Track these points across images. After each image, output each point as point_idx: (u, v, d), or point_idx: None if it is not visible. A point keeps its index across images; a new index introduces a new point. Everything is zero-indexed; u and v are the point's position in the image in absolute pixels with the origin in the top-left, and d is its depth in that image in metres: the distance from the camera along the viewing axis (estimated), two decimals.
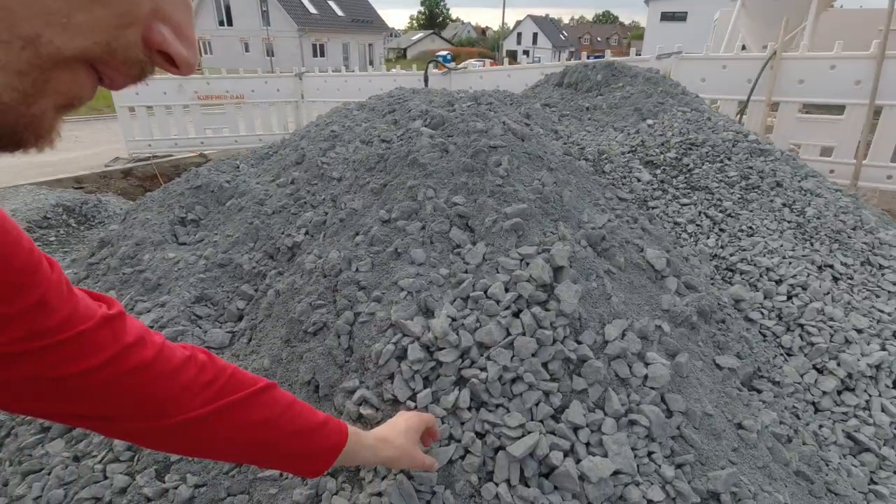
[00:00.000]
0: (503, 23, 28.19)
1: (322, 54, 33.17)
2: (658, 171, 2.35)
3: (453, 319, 1.32)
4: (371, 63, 36.82)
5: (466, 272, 1.45)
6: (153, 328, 1.82)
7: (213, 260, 1.96)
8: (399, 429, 1.00)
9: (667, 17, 34.30)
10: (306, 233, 1.86)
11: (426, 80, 6.54)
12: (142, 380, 0.64)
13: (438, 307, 1.36)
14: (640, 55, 5.78)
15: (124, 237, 2.40)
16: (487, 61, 22.99)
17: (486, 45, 69.66)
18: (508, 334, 1.27)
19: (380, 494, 1.13)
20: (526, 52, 68.25)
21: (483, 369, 1.23)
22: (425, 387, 1.24)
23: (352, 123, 2.49)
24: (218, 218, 2.26)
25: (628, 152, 2.45)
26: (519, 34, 72.25)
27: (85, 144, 8.70)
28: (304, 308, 1.53)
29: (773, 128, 5.25)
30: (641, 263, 1.60)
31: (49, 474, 1.52)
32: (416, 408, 1.22)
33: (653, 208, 2.14)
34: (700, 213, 2.14)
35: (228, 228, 2.10)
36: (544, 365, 1.24)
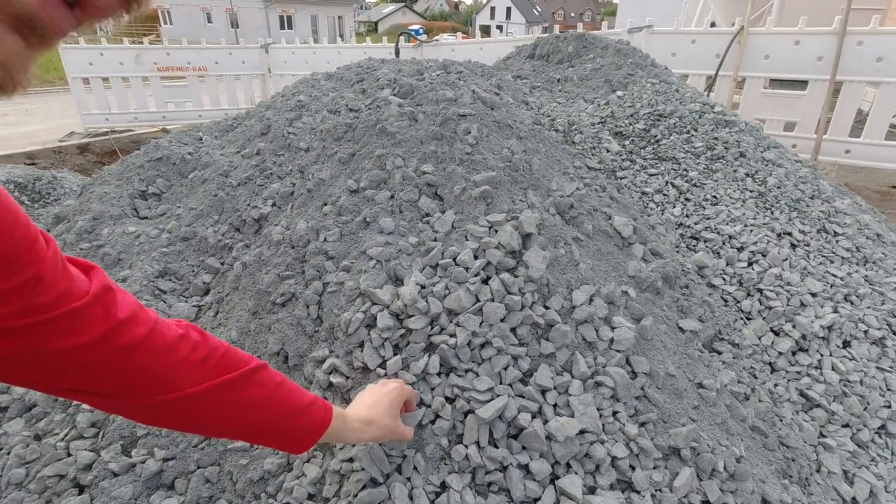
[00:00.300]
0: None
1: (290, 26, 32.10)
2: (627, 142, 2.37)
3: (422, 287, 1.32)
4: (341, 37, 35.82)
5: (436, 240, 1.45)
6: None
7: (177, 233, 1.90)
8: (382, 408, 1.00)
9: None
10: (273, 204, 1.82)
11: (397, 53, 6.41)
12: (134, 356, 0.64)
13: (407, 275, 1.35)
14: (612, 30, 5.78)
15: (80, 212, 2.31)
16: (460, 35, 22.62)
17: (458, 19, 68.53)
18: (477, 300, 1.28)
19: (351, 460, 1.14)
20: (500, 28, 67.45)
21: (452, 335, 1.23)
22: (395, 354, 1.24)
23: (319, 93, 2.42)
24: (180, 191, 2.19)
25: (598, 123, 2.46)
26: (493, 8, 71.24)
27: (37, 119, 8.27)
28: (271, 279, 1.51)
29: (740, 103, 5.35)
30: (609, 231, 1.63)
31: (8, 454, 1.48)
32: (385, 375, 1.22)
33: (621, 178, 2.17)
34: (667, 182, 2.17)
35: (192, 201, 2.04)
36: (513, 330, 1.25)
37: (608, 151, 2.28)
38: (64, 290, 0.57)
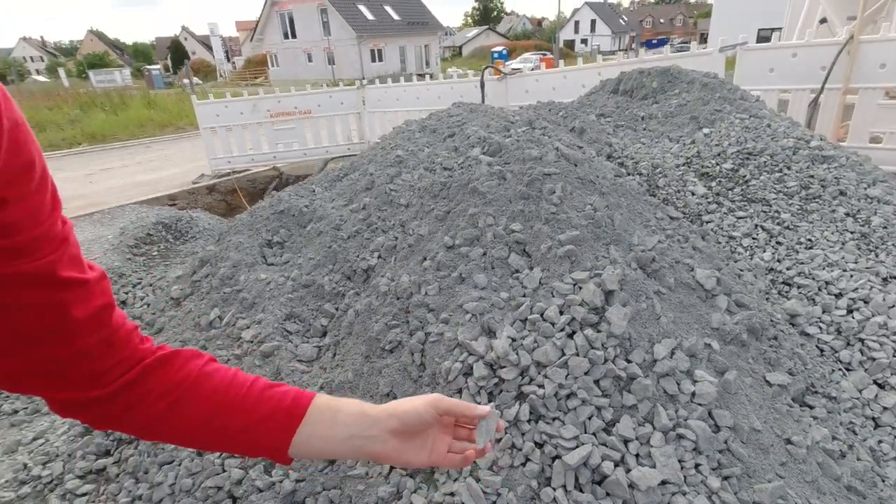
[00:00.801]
0: (559, 12, 27.68)
1: (380, 59, 34.01)
2: (713, 184, 2.38)
3: (513, 340, 1.48)
4: (427, 64, 37.32)
5: (524, 296, 1.61)
6: (252, 343, 2.11)
7: (299, 281, 2.23)
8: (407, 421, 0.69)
9: None
10: (379, 256, 2.08)
11: (482, 87, 6.68)
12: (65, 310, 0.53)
13: (500, 328, 1.52)
14: (705, 44, 5.62)
15: (222, 258, 2.74)
16: (543, 57, 22.70)
17: (542, 36, 68.54)
18: (563, 354, 1.42)
19: (452, 494, 1.32)
20: (584, 41, 66.48)
21: (541, 386, 1.38)
22: (489, 401, 1.41)
23: (415, 148, 2.69)
24: (300, 241, 2.54)
25: (683, 164, 2.49)
26: (576, 22, 70.46)
27: (174, 162, 9.55)
28: (380, 328, 1.75)
29: (852, 117, 4.96)
30: (691, 283, 1.69)
31: (179, 465, 1.83)
32: None
33: (707, 223, 2.18)
34: (756, 226, 2.15)
35: (310, 251, 2.36)
36: (596, 382, 1.38)
37: (693, 195, 2.30)
38: (41, 233, 0.50)
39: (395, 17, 35.72)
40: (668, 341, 1.46)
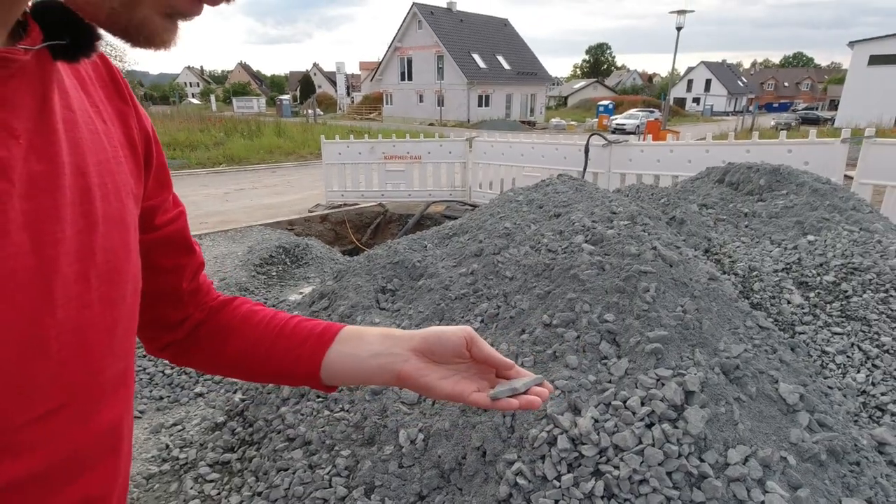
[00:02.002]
0: (673, 69, 27.28)
1: (487, 104, 35.41)
2: (811, 294, 2.41)
3: (596, 421, 1.68)
4: (532, 112, 38.24)
5: (610, 382, 1.81)
6: None
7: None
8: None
9: (877, 60, 29.48)
10: (482, 321, 2.37)
11: (587, 153, 6.92)
12: None
13: (585, 408, 1.73)
14: (834, 121, 5.45)
15: (341, 296, 3.18)
16: (649, 120, 22.45)
17: (651, 92, 67.53)
18: (640, 442, 1.60)
19: None
20: (696, 100, 64.48)
21: (616, 468, 1.57)
22: (569, 471, 1.62)
23: (522, 222, 2.99)
24: (411, 293, 2.90)
25: (782, 270, 2.55)
26: (690, 81, 68.71)
27: (294, 189, 10.68)
28: None
29: None
30: (773, 395, 1.79)
31: (293, 474, 2.19)
32: (559, 488, 1.60)
33: (800, 333, 2.23)
34: (853, 344, 2.17)
35: (420, 305, 2.71)
36: (668, 474, 1.54)
37: (789, 303, 2.36)
38: None
39: (506, 66, 37.17)
40: (742, 448, 1.59)
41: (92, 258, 0.44)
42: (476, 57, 35.38)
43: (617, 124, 31.10)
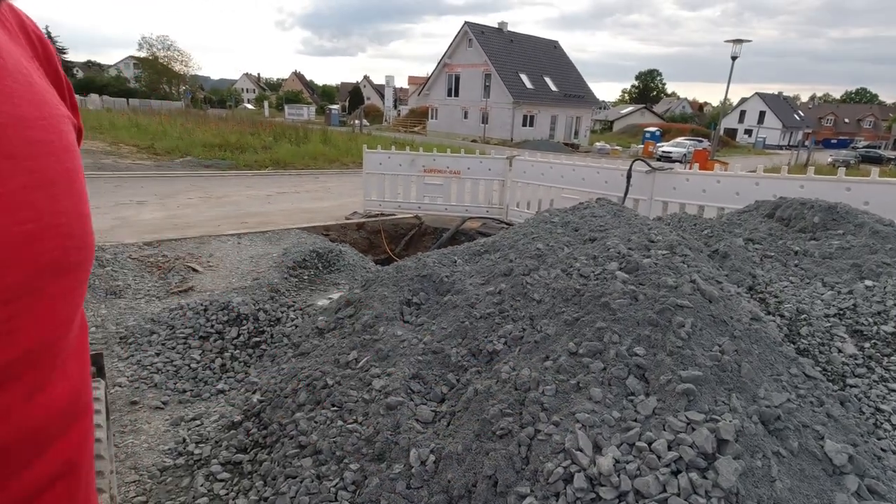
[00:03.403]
0: (725, 98, 26.53)
1: (531, 124, 35.36)
2: (867, 345, 2.22)
3: (617, 461, 1.57)
4: (576, 134, 37.95)
5: (636, 420, 1.69)
6: (380, 392, 2.41)
7: (430, 346, 2.51)
8: None
9: None
10: (505, 343, 2.29)
11: (629, 178, 6.75)
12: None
13: (606, 446, 1.63)
14: None
15: (366, 305, 3.15)
16: (697, 148, 21.82)
17: (701, 121, 65.88)
18: (664, 490, 1.48)
19: None
20: (748, 132, 62.59)
21: None
22: None
23: (555, 244, 2.90)
24: (436, 308, 2.85)
25: (834, 316, 2.36)
26: (742, 112, 66.83)
27: (333, 195, 10.87)
28: (495, 412, 1.93)
29: None
30: (818, 453, 1.63)
31: (301, 482, 2.15)
32: None
33: (851, 387, 2.05)
34: None
35: (444, 321, 2.65)
36: None
37: (840, 352, 2.18)
38: None
39: (553, 87, 37.12)
40: None
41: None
42: (523, 77, 35.48)
43: (663, 152, 30.47)
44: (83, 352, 0.49)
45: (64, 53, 58.87)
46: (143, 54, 51.53)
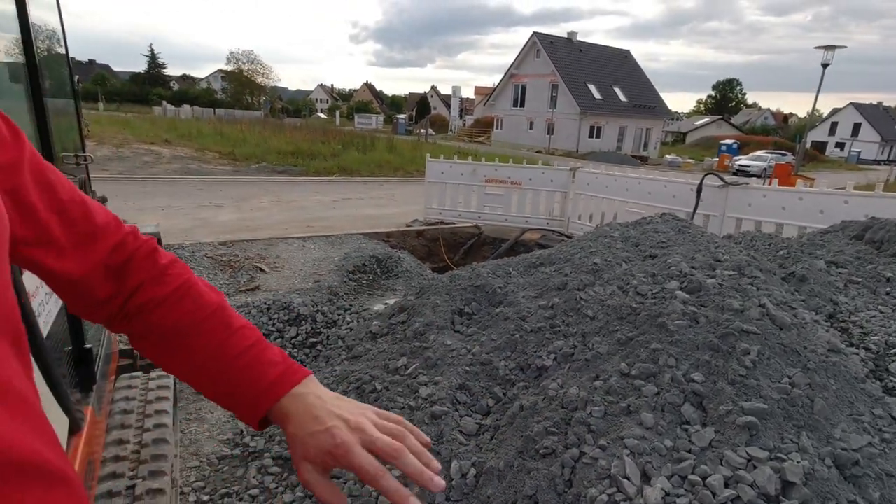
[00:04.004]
0: (813, 109, 24.59)
1: (598, 136, 34.53)
2: None
3: (667, 494, 1.48)
4: (645, 146, 36.61)
5: (689, 451, 1.59)
6: (426, 401, 2.41)
7: (478, 357, 2.49)
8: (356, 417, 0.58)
9: None
10: (554, 359, 2.23)
11: (699, 193, 6.41)
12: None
13: (655, 476, 1.53)
14: None
15: (419, 313, 3.18)
16: (779, 162, 20.24)
17: (785, 133, 61.45)
18: None
19: None
20: (839, 145, 57.76)
21: None
22: None
23: (613, 260, 2.80)
24: (487, 319, 2.82)
25: None
26: (834, 123, 61.76)
27: (396, 203, 11.10)
28: (539, 430, 1.88)
29: None
30: None
31: (344, 484, 2.18)
32: None
33: None
34: None
35: (494, 333, 2.62)
36: None
37: None
38: None
39: (623, 98, 36.08)
40: None
41: None
42: (592, 87, 34.73)
43: (740, 165, 28.71)
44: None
45: (163, 68, 64.56)
46: (230, 68, 55.46)
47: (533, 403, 2.02)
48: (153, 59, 62.83)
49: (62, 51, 1.72)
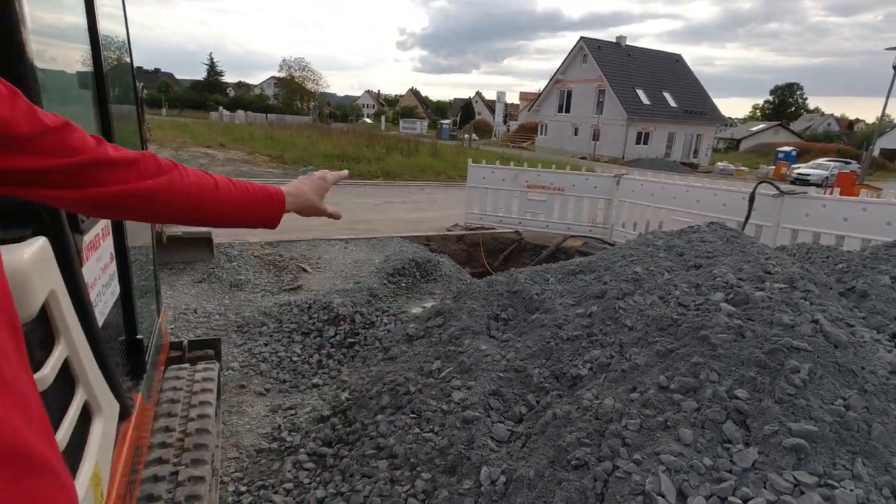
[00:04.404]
0: (882, 114, 23.06)
1: (645, 142, 33.62)
2: None
3: None
4: (696, 153, 35.34)
5: (730, 472, 1.51)
6: (459, 405, 2.41)
7: (512, 364, 2.46)
8: (306, 186, 1.10)
9: None
10: (590, 368, 2.18)
11: (751, 202, 6.13)
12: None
13: (693, 495, 1.47)
14: None
15: (455, 317, 3.18)
16: (842, 171, 18.99)
17: (851, 140, 57.77)
18: None
19: None
20: None
21: None
22: None
23: (655, 269, 2.72)
24: (523, 325, 2.79)
25: None
26: None
27: (437, 207, 11.16)
28: (572, 440, 1.84)
29: None
30: None
31: (375, 484, 2.21)
32: None
33: None
34: None
35: (529, 340, 2.59)
36: None
37: None
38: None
39: (672, 103, 35.01)
40: None
41: None
42: (640, 92, 33.86)
43: (799, 174, 27.18)
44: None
45: (221, 75, 67.74)
46: (282, 74, 57.54)
47: (566, 413, 1.98)
48: (212, 67, 66.00)
49: (128, 60, 1.83)
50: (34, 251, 1.09)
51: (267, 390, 3.61)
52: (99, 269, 1.25)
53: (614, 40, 37.10)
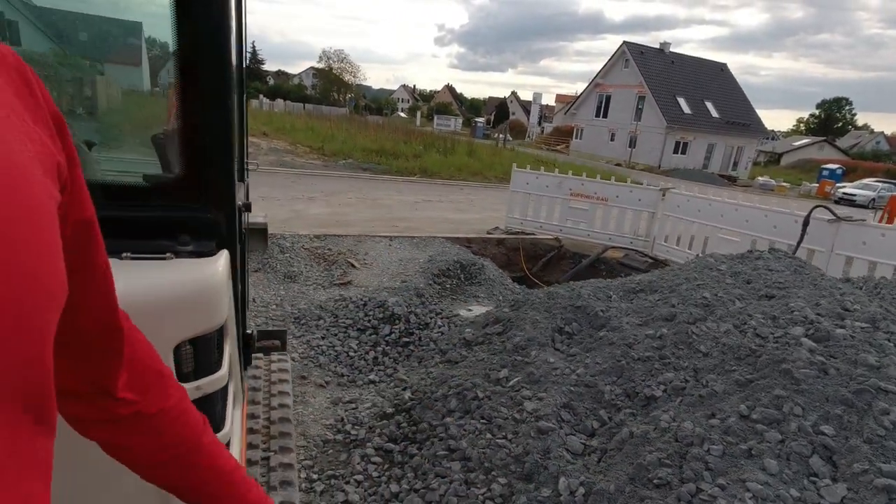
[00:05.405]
0: None
1: (683, 151, 33.02)
2: None
3: None
4: (735, 166, 34.55)
5: None
6: (531, 415, 2.51)
7: (583, 379, 2.56)
8: None
9: None
10: (664, 390, 2.26)
11: (805, 225, 6.05)
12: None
13: None
14: None
15: (517, 327, 3.28)
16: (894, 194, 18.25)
17: None
18: None
19: None
20: None
21: None
22: None
23: (724, 296, 2.77)
24: (590, 341, 2.88)
25: None
26: None
27: (476, 208, 11.26)
28: (652, 460, 1.93)
29: None
30: None
31: (451, 484, 2.33)
32: None
33: None
34: None
35: (598, 356, 2.68)
36: None
37: None
38: None
39: (714, 114, 34.27)
40: None
41: None
42: (681, 101, 33.24)
43: (844, 193, 26.31)
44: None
45: (261, 64, 69.16)
46: (321, 65, 58.36)
47: (644, 432, 2.07)
48: (254, 56, 67.39)
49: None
50: (224, 263, 1.25)
51: (326, 383, 3.78)
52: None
53: (658, 46, 36.45)
